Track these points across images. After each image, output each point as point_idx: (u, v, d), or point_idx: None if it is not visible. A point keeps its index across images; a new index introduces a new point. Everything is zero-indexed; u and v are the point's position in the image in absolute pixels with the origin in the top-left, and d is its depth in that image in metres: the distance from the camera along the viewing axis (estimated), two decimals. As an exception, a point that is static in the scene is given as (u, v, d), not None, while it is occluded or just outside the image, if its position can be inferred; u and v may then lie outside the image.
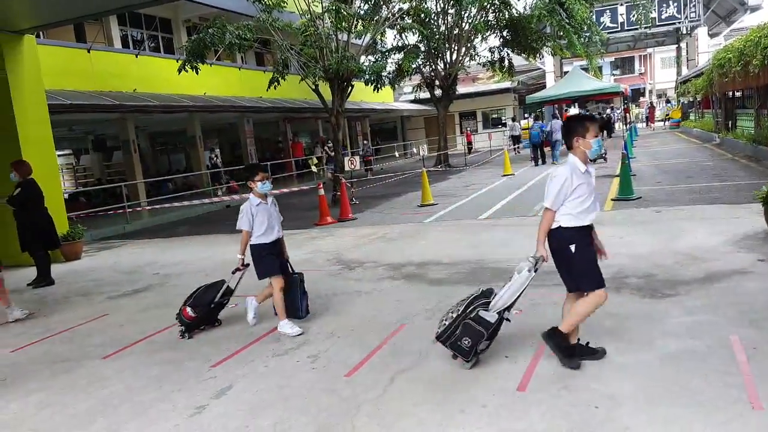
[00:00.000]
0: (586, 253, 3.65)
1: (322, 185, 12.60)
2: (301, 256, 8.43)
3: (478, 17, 22.61)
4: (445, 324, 3.84)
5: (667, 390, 3.34)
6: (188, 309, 5.13)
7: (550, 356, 3.90)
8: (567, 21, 20.72)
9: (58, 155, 14.52)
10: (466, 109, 38.92)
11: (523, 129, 30.82)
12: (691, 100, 32.39)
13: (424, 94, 27.34)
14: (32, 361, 5.01)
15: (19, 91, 9.90)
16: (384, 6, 20.27)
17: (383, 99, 32.55)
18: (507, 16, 22.91)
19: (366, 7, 19.93)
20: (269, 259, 5.05)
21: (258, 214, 4.99)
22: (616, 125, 34.92)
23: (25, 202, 8.13)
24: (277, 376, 4.12)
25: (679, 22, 32.44)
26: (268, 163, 22.43)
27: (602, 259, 3.76)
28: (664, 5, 31.86)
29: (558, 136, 20.58)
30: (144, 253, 10.34)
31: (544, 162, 21.43)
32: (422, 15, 21.14)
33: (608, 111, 37.20)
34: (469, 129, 36.85)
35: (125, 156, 19.12)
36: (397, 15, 20.39)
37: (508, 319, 3.87)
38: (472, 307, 3.80)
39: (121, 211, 15.45)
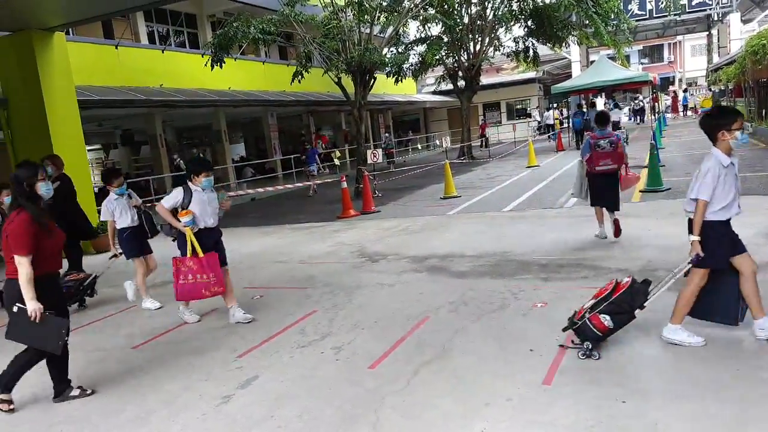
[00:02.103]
0: None
1: (344, 178, 12.63)
2: (324, 249, 8.48)
3: (502, 7, 22.36)
4: None
5: (697, 385, 3.28)
6: (603, 317, 3.72)
7: (575, 350, 3.86)
8: (594, 9, 20.33)
9: (88, 150, 14.75)
10: (490, 100, 38.52)
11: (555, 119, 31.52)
12: (722, 88, 31.57)
13: (447, 86, 27.16)
14: (64, 351, 5.14)
15: (49, 87, 10.15)
16: (406, -3, 20.13)
17: (406, 91, 32.41)
18: (531, 5, 22.59)
19: (388, -2, 19.82)
20: (729, 245, 3.72)
21: (727, 178, 3.69)
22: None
23: (66, 196, 8.28)
24: (301, 367, 4.16)
25: (710, 9, 31.48)
26: (291, 156, 22.59)
27: None
28: (694, -9, 31.05)
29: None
30: (171, 245, 10.46)
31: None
32: (445, 5, 20.95)
33: (640, 98, 36.63)
34: (486, 120, 36.28)
35: (153, 150, 19.45)
36: (419, 6, 20.23)
37: None
38: None
39: (149, 204, 15.66)
